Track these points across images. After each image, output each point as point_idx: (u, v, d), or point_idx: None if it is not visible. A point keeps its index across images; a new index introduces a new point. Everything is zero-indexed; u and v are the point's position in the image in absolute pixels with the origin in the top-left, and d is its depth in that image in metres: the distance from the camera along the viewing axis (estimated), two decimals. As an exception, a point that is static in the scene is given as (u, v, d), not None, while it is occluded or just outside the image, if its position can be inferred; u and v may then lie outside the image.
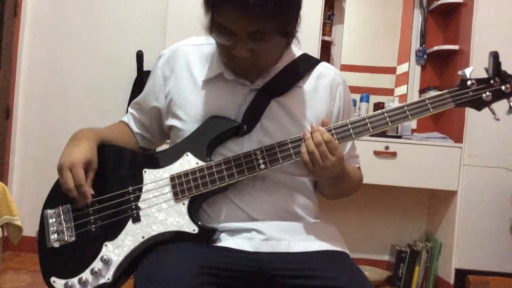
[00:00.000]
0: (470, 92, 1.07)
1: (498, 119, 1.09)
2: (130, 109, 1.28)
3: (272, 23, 0.95)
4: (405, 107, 1.06)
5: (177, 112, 1.13)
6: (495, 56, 1.08)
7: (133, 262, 1.04)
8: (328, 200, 1.26)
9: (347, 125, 1.06)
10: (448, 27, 3.08)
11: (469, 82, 1.08)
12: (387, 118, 1.06)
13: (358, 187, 1.24)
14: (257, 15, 0.92)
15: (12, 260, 2.90)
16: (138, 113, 1.25)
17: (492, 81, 1.08)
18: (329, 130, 1.05)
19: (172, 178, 1.07)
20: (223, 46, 1.02)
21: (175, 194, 1.06)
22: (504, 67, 1.08)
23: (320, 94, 1.16)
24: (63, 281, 1.06)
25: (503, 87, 1.07)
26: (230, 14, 0.94)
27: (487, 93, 1.07)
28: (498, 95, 1.07)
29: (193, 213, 1.06)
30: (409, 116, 1.06)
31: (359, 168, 1.27)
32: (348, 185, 1.17)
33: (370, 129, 1.06)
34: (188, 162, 1.08)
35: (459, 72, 1.10)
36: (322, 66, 1.19)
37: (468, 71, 1.08)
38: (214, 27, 1.00)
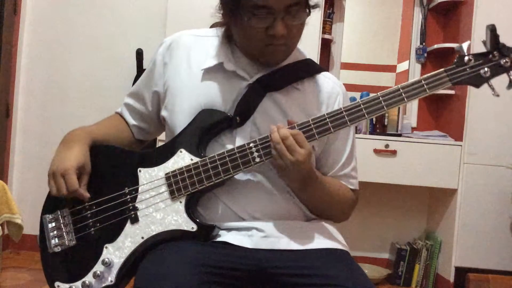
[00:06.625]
0: (467, 69, 1.02)
1: (498, 95, 1.02)
2: (126, 99, 1.25)
3: None
4: (400, 89, 1.02)
5: (170, 101, 1.13)
6: (492, 29, 1.02)
7: (134, 263, 1.04)
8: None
9: (341, 112, 1.03)
10: (448, 25, 3.08)
11: (466, 58, 1.02)
12: (382, 102, 1.02)
13: (346, 210, 1.17)
14: None
15: (12, 258, 2.90)
16: (136, 102, 1.22)
17: (490, 56, 1.01)
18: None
19: (167, 177, 1.06)
20: (258, 30, 1.02)
21: (171, 193, 1.06)
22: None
23: (317, 101, 1.14)
24: (67, 286, 1.06)
25: (502, 61, 1.01)
26: None
27: (485, 68, 1.01)
28: (497, 70, 1.01)
29: (191, 210, 1.05)
30: (405, 98, 1.02)
31: (353, 190, 1.18)
32: (324, 198, 1.11)
33: (366, 114, 1.02)
34: (183, 159, 1.07)
35: (456, 47, 1.05)
36: (324, 76, 1.18)
37: (465, 46, 1.03)
38: (248, 11, 0.99)
